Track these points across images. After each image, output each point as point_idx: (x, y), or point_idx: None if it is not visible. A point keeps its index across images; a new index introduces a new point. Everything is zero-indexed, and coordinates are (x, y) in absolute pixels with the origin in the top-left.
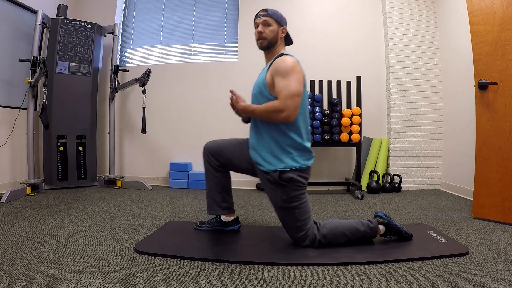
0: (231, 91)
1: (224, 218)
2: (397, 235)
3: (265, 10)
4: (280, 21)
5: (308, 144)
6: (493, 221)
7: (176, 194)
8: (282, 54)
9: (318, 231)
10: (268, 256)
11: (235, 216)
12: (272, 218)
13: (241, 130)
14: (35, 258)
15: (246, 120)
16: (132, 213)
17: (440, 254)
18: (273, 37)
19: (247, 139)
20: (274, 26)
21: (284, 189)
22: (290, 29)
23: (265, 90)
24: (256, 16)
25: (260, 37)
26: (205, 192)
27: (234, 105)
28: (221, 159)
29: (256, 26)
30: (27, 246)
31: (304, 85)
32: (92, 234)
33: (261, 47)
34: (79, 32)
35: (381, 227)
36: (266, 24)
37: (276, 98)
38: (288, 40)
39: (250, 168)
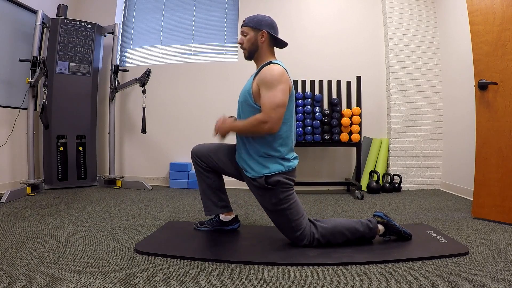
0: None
1: (223, 217)
2: (397, 235)
3: (244, 20)
4: (258, 26)
5: (291, 155)
6: (493, 221)
7: (176, 194)
8: (271, 63)
9: (316, 230)
10: (268, 256)
11: (234, 215)
12: None
13: None
14: (35, 258)
15: None
16: (132, 213)
17: (440, 254)
18: (250, 46)
19: (235, 144)
20: (251, 34)
21: (272, 192)
22: (289, 30)
23: (250, 99)
24: None
25: (241, 48)
26: (200, 195)
27: (220, 126)
28: (209, 163)
29: None
30: (27, 246)
31: (291, 95)
32: (92, 234)
33: (245, 58)
34: (79, 32)
35: (380, 227)
36: (244, 34)
37: (260, 107)
38: (277, 43)
39: (237, 174)
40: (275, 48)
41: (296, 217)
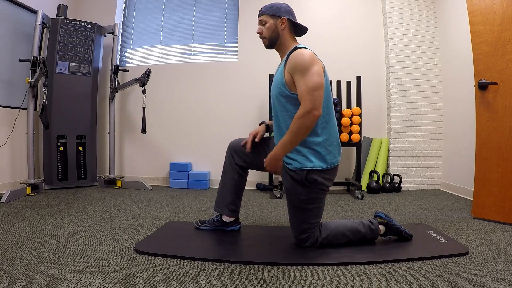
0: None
1: (225, 218)
2: (397, 235)
3: (261, 9)
4: (276, 13)
5: (335, 146)
6: (493, 221)
7: (176, 194)
8: (296, 48)
9: (320, 233)
10: (268, 256)
11: (236, 217)
12: (272, 218)
13: (241, 131)
14: (35, 258)
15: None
16: (132, 213)
17: (440, 254)
18: (271, 33)
19: (272, 136)
20: (270, 22)
21: (306, 189)
22: None
23: (286, 89)
24: None
25: (260, 38)
26: (218, 187)
27: (271, 163)
28: (246, 157)
29: None
30: (27, 246)
31: (325, 76)
32: (92, 234)
33: (265, 47)
34: (79, 32)
35: (381, 227)
36: (263, 23)
37: (297, 94)
38: (297, 30)
39: None
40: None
41: (312, 221)
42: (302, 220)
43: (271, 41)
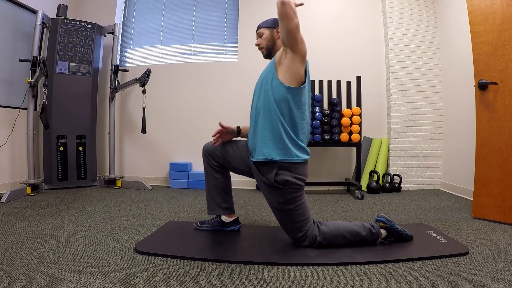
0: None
1: (224, 218)
2: (398, 238)
3: (258, 25)
4: (272, 25)
5: (303, 143)
6: (493, 221)
7: (176, 194)
8: None
9: (318, 232)
10: (268, 256)
11: (236, 217)
12: (272, 218)
13: None
14: (35, 258)
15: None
16: (132, 213)
17: (440, 254)
18: (268, 42)
19: (246, 141)
20: (267, 33)
21: (280, 191)
22: None
23: (275, 77)
24: None
25: (259, 49)
26: (205, 192)
27: None
28: (220, 160)
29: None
30: (27, 246)
31: (307, 71)
32: (92, 234)
33: (264, 57)
34: (79, 32)
35: (382, 231)
36: (260, 36)
37: (283, 83)
38: None
39: (247, 170)
40: None
41: (300, 219)
42: (290, 221)
43: (268, 50)
